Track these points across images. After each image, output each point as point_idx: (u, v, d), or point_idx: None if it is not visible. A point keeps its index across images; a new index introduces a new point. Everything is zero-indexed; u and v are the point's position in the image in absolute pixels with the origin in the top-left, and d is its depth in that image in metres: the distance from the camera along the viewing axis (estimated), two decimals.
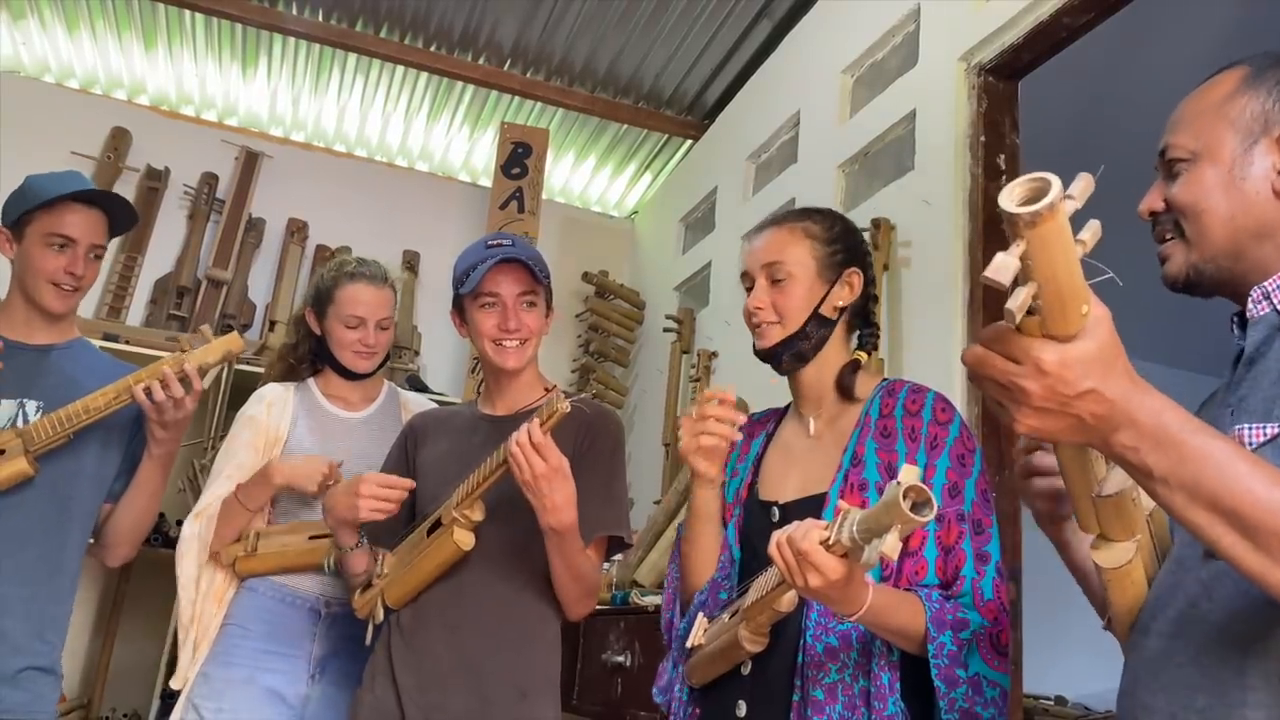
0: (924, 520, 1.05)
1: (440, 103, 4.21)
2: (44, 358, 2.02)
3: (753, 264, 1.55)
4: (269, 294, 3.99)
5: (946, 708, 1.28)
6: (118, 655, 3.42)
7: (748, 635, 1.34)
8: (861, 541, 1.11)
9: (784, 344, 1.52)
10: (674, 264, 4.15)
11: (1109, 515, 0.97)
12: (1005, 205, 0.73)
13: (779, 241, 1.54)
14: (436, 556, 1.69)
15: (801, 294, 1.51)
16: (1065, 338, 0.78)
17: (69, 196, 1.97)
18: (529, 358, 1.83)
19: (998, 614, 1.34)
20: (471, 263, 1.79)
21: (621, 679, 2.39)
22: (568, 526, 1.59)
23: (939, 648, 1.28)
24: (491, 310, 1.80)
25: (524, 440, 1.54)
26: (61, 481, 1.95)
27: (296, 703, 2.00)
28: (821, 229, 1.55)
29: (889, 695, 1.31)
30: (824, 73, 3.14)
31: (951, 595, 1.35)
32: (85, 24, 3.81)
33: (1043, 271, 0.74)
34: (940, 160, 2.49)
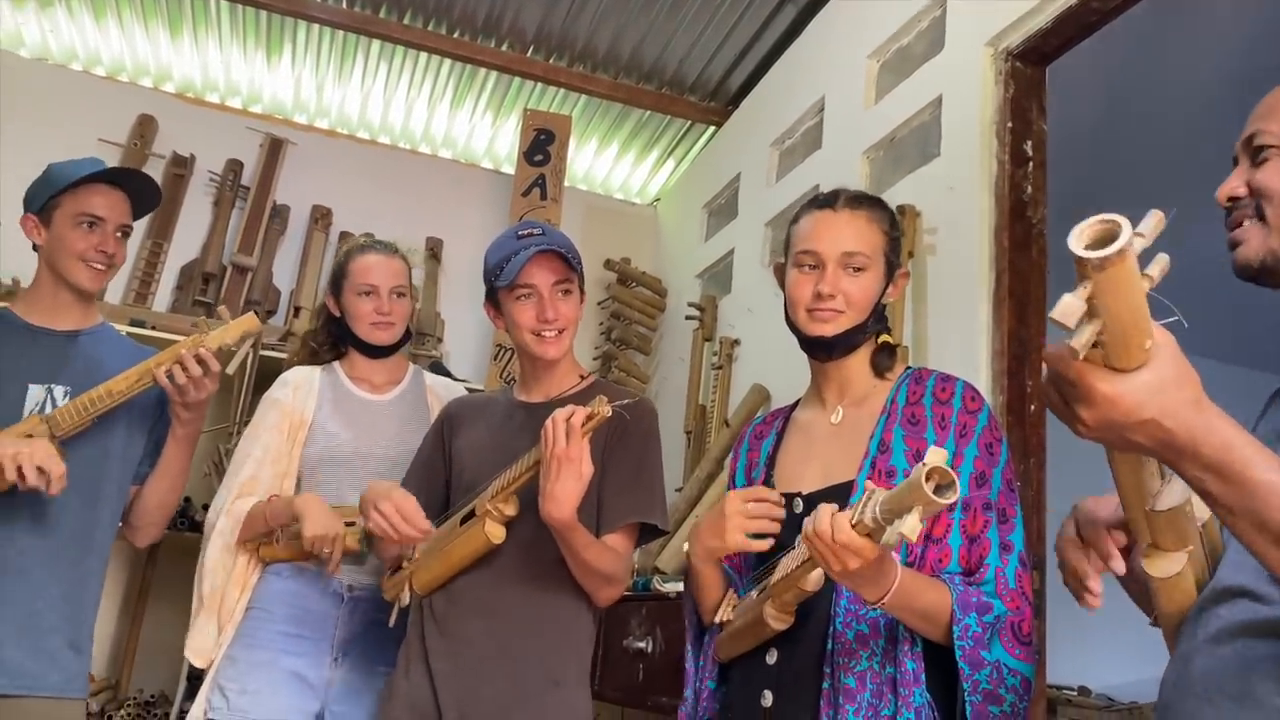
0: (946, 503, 1.04)
1: (463, 89, 4.21)
2: (70, 343, 2.04)
3: (828, 248, 1.49)
4: (294, 280, 4.01)
5: (970, 690, 1.28)
6: (144, 637, 3.46)
7: (773, 613, 1.34)
8: (884, 522, 1.11)
9: (848, 334, 1.50)
10: (696, 251, 4.14)
11: (1162, 528, 0.97)
12: (1074, 248, 0.74)
13: (860, 230, 1.50)
14: (467, 547, 1.70)
15: (873, 286, 1.50)
16: (1126, 370, 0.79)
17: (93, 177, 2.00)
18: (567, 346, 1.83)
19: (1020, 603, 1.34)
20: (505, 255, 1.78)
21: (643, 665, 2.39)
22: (561, 522, 1.56)
23: (964, 629, 1.29)
24: (528, 302, 1.79)
25: (560, 419, 1.53)
26: (89, 465, 1.97)
27: (319, 685, 2.01)
28: (888, 224, 1.54)
29: (915, 685, 1.31)
30: (849, 58, 3.11)
31: (975, 582, 1.35)
32: (112, 11, 3.83)
33: (1109, 311, 0.75)
34: (966, 146, 2.46)
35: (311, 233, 4.08)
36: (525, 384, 1.90)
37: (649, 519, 1.75)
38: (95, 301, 2.13)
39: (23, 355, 1.99)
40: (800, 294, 1.50)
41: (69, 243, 1.99)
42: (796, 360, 1.62)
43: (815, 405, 1.60)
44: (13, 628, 1.86)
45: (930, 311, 2.49)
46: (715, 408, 3.48)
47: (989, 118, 2.41)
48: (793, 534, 1.44)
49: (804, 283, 1.50)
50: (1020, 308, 2.27)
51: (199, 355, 1.91)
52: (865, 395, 1.53)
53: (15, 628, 1.86)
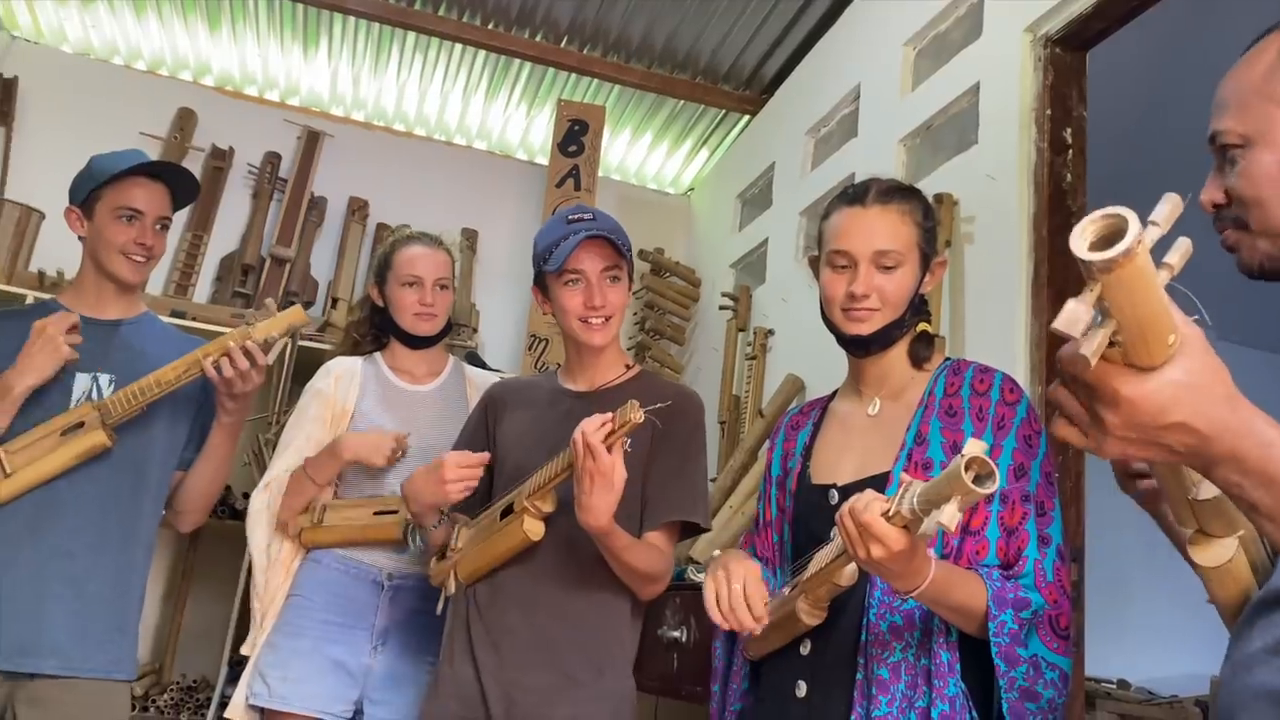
0: (985, 492, 1.03)
1: (498, 80, 4.22)
2: (114, 332, 2.08)
3: (860, 247, 1.47)
4: (331, 271, 4.05)
5: (1006, 686, 1.27)
6: (186, 623, 3.52)
7: (806, 608, 1.34)
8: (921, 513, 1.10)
9: (884, 331, 1.48)
10: (730, 241, 4.13)
11: (1208, 515, 0.93)
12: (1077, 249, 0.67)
13: (891, 226, 1.48)
14: (506, 542, 1.70)
15: (908, 282, 1.48)
16: (1149, 368, 0.72)
17: (133, 170, 2.04)
18: (614, 334, 1.81)
19: (1058, 597, 1.33)
20: (554, 239, 1.76)
21: (677, 654, 2.40)
22: (598, 530, 1.56)
23: (1000, 626, 1.28)
24: (576, 288, 1.76)
25: (589, 430, 1.52)
26: (136, 452, 2.02)
27: (359, 673, 2.04)
28: (922, 214, 1.51)
29: (949, 675, 1.31)
30: (885, 45, 3.08)
31: (1013, 575, 1.34)
32: (152, 6, 3.88)
33: (1122, 312, 0.69)
34: (1004, 134, 2.43)
35: (348, 224, 4.12)
36: (570, 371, 1.89)
37: (690, 518, 1.74)
38: (139, 291, 2.17)
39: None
40: (834, 293, 1.49)
41: (109, 235, 2.03)
42: (831, 350, 1.62)
43: (852, 397, 1.59)
44: (62, 611, 1.91)
45: (968, 301, 2.47)
46: (749, 398, 3.47)
47: (1028, 105, 2.38)
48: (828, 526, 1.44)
49: (838, 282, 1.49)
50: (1059, 297, 2.24)
51: (246, 348, 1.94)
52: (903, 387, 1.52)
53: (65, 611, 1.91)
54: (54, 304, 2.11)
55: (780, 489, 1.61)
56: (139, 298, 2.18)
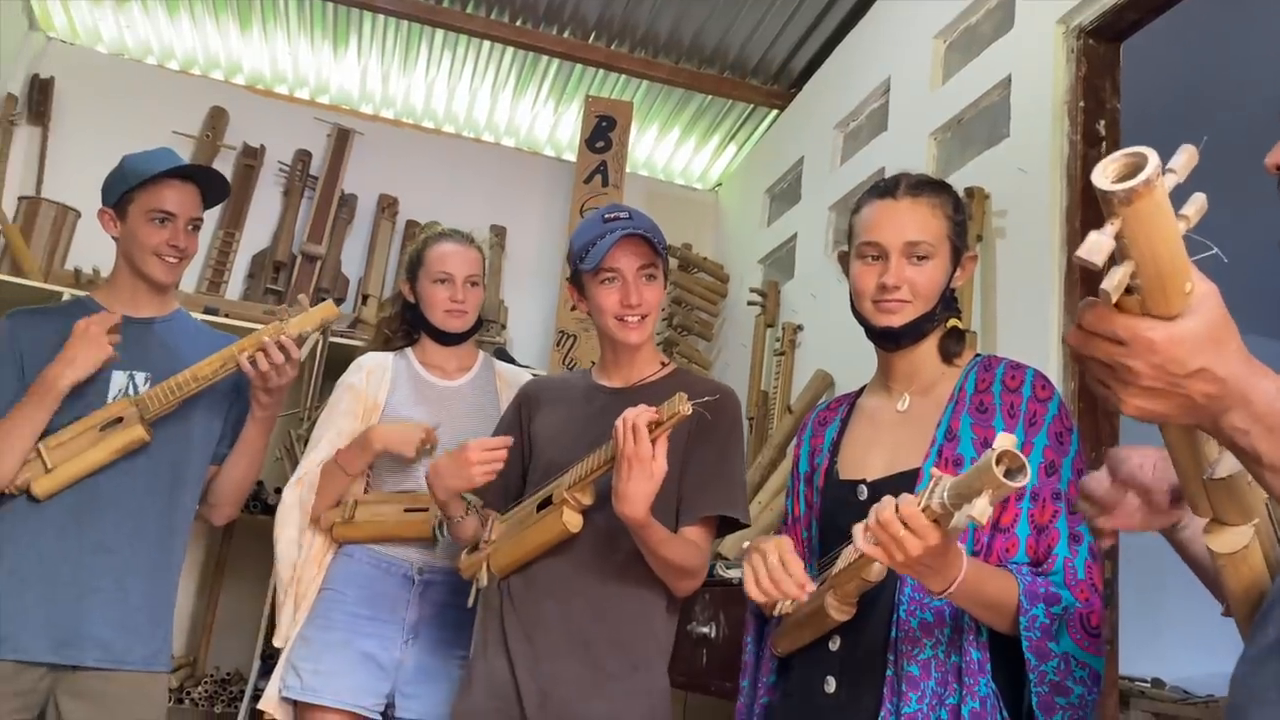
0: (1017, 486, 1.03)
1: (526, 77, 4.23)
2: (148, 330, 2.11)
3: (891, 238, 1.47)
4: (362, 268, 4.08)
5: (1037, 681, 1.26)
6: (220, 616, 3.56)
7: (834, 604, 1.33)
8: (952, 507, 1.09)
9: (915, 324, 1.48)
10: (758, 236, 4.11)
11: (1222, 498, 0.92)
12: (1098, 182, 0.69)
13: (922, 218, 1.48)
14: (543, 534, 1.70)
15: (939, 275, 1.48)
16: (1167, 317, 0.74)
17: (165, 173, 2.06)
18: (650, 332, 1.82)
19: (1090, 595, 1.32)
20: (590, 238, 1.77)
21: (706, 650, 2.40)
22: (634, 520, 1.56)
23: (1031, 620, 1.27)
24: (613, 286, 1.77)
25: (630, 419, 1.52)
26: (172, 446, 2.05)
27: (390, 666, 2.06)
28: (953, 207, 1.51)
29: (980, 675, 1.30)
30: (915, 38, 3.06)
31: (1043, 573, 1.33)
32: (185, 6, 3.92)
33: (1140, 250, 0.70)
34: (1037, 127, 2.41)
35: (378, 221, 4.15)
36: (605, 368, 1.90)
37: (729, 512, 1.74)
38: (172, 290, 2.19)
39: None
40: (865, 285, 1.49)
41: (143, 237, 2.05)
42: (861, 346, 1.61)
43: (881, 392, 1.58)
44: (102, 604, 1.94)
45: (999, 296, 2.45)
46: (778, 394, 3.46)
47: (1060, 97, 2.36)
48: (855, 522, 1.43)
49: (868, 274, 1.49)
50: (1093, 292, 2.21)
51: (280, 343, 1.97)
52: (933, 382, 1.51)
53: (104, 604, 1.94)
54: (90, 302, 2.15)
55: (808, 485, 1.61)
56: (172, 296, 2.21)
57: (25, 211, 3.56)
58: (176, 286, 2.23)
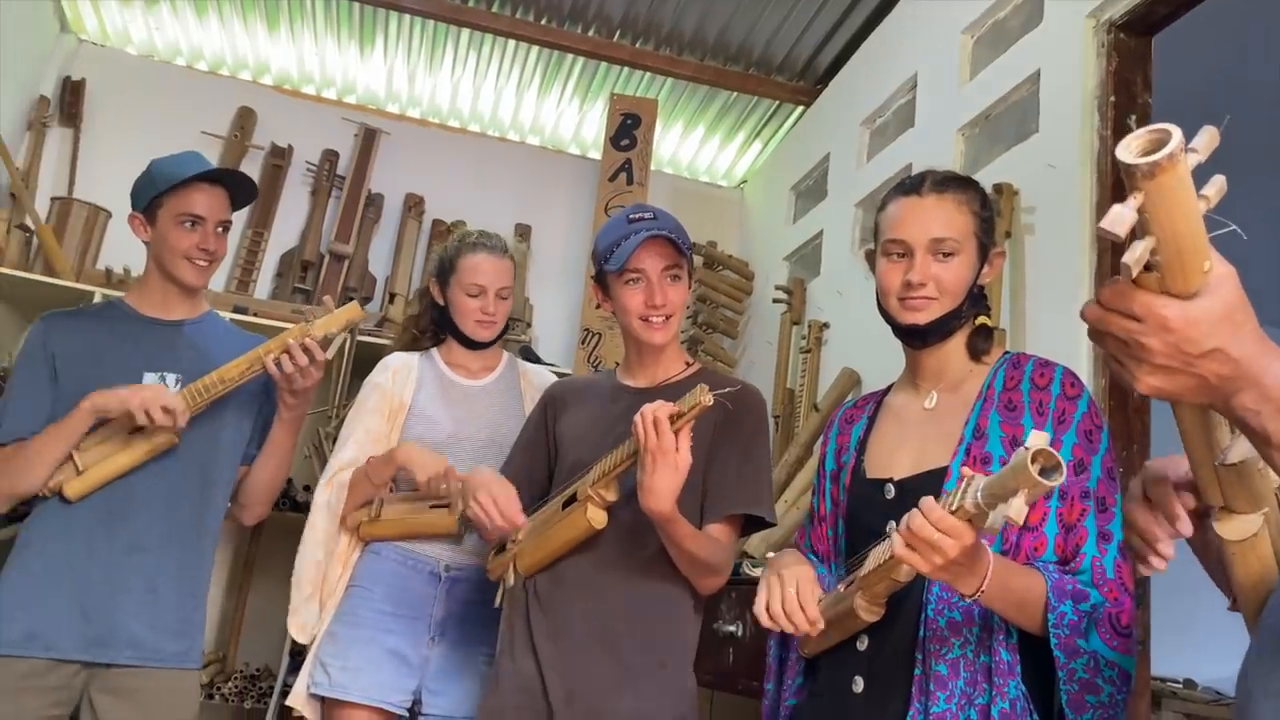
0: (1053, 485, 1.02)
1: (551, 76, 4.24)
2: (179, 332, 2.13)
3: (916, 235, 1.47)
4: (388, 267, 4.10)
5: (1066, 679, 1.25)
6: (249, 613, 3.59)
7: (864, 605, 1.32)
8: (985, 507, 1.08)
9: (941, 321, 1.47)
10: (784, 233, 4.10)
11: (1233, 484, 0.91)
12: (1122, 156, 0.70)
13: (948, 214, 1.47)
14: (568, 532, 1.70)
15: (965, 271, 1.47)
16: (1185, 295, 0.75)
17: (194, 177, 2.08)
18: (674, 332, 1.82)
19: (1119, 594, 1.30)
20: (615, 239, 1.77)
21: (733, 649, 2.40)
22: (660, 514, 1.55)
23: (1059, 617, 1.26)
24: (637, 287, 1.78)
25: (649, 413, 1.52)
26: (201, 448, 2.07)
27: (417, 663, 2.06)
28: (978, 204, 1.50)
29: (1009, 676, 1.29)
30: (943, 33, 3.04)
31: (1070, 571, 1.32)
32: (213, 7, 3.96)
33: (1161, 225, 0.71)
34: (1066, 122, 2.38)
35: (405, 220, 4.17)
36: (629, 368, 1.90)
37: (754, 511, 1.74)
38: (202, 291, 2.21)
39: (137, 344, 2.09)
40: (890, 283, 1.49)
41: (173, 241, 2.07)
42: (888, 343, 1.60)
43: (909, 389, 1.57)
44: (134, 602, 1.96)
45: (1028, 293, 2.43)
46: (804, 392, 3.45)
47: (1090, 92, 2.33)
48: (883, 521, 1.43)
49: (894, 271, 1.48)
50: None
51: (305, 345, 1.98)
52: (961, 380, 1.50)
53: (136, 602, 1.96)
54: (122, 304, 2.17)
55: (834, 483, 1.60)
56: (202, 297, 2.23)
57: (57, 212, 3.60)
58: (205, 288, 2.25)
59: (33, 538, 1.98)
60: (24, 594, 1.93)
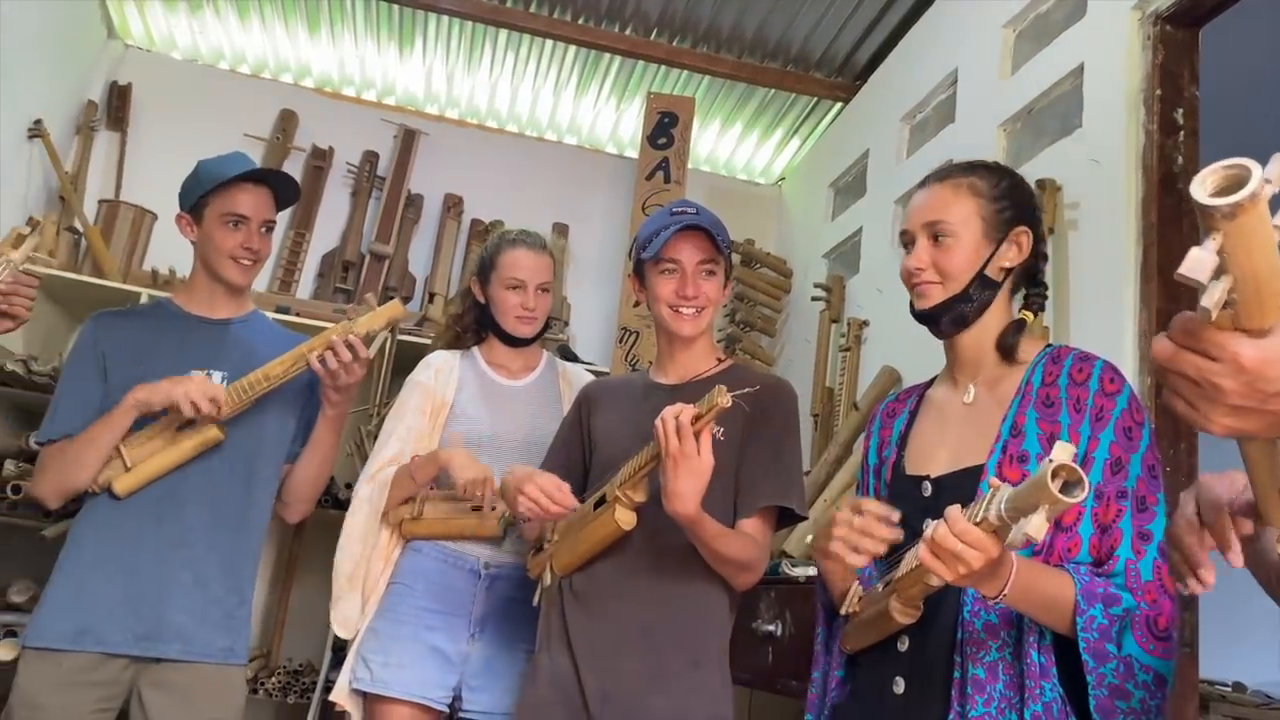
0: (1073, 502, 1.01)
1: (588, 75, 4.24)
2: (225, 330, 2.16)
3: (913, 222, 1.48)
4: (428, 267, 4.13)
5: (1095, 683, 1.22)
6: (292, 610, 3.64)
7: (899, 607, 1.31)
8: (1009, 520, 1.07)
9: (945, 305, 1.45)
10: (823, 230, 4.08)
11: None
12: (1198, 197, 0.68)
13: (942, 198, 1.47)
14: (599, 532, 1.71)
15: (966, 254, 1.45)
16: (1260, 331, 0.73)
17: (239, 177, 2.11)
18: (704, 326, 1.83)
19: (1157, 596, 1.27)
20: (654, 229, 1.80)
21: (772, 648, 2.39)
22: (686, 517, 1.56)
23: (1088, 621, 1.23)
24: (671, 277, 1.80)
25: (669, 417, 1.53)
26: (246, 445, 2.10)
27: (457, 660, 2.08)
28: (988, 184, 1.47)
29: (1043, 680, 1.27)
30: (984, 27, 3.00)
31: (1103, 573, 1.29)
32: (255, 10, 4.00)
33: (1240, 265, 0.69)
34: (1111, 116, 2.35)
35: (444, 220, 4.19)
36: (661, 364, 1.91)
37: (786, 504, 1.74)
38: (247, 291, 2.24)
39: (184, 343, 2.12)
40: (902, 272, 1.50)
41: (218, 241, 2.10)
42: (928, 341, 1.58)
43: (948, 383, 1.56)
44: (182, 597, 1.99)
45: (1072, 290, 2.40)
46: (843, 390, 3.43)
47: (1135, 86, 2.29)
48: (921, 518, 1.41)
49: (903, 262, 1.50)
50: (1170, 285, 2.16)
51: (349, 342, 2.01)
52: (1000, 375, 1.47)
53: (184, 597, 1.99)
54: (169, 304, 2.20)
55: (876, 478, 1.59)
56: (247, 297, 2.26)
57: (105, 215, 3.67)
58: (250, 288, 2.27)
59: (82, 534, 2.02)
60: (75, 590, 1.97)
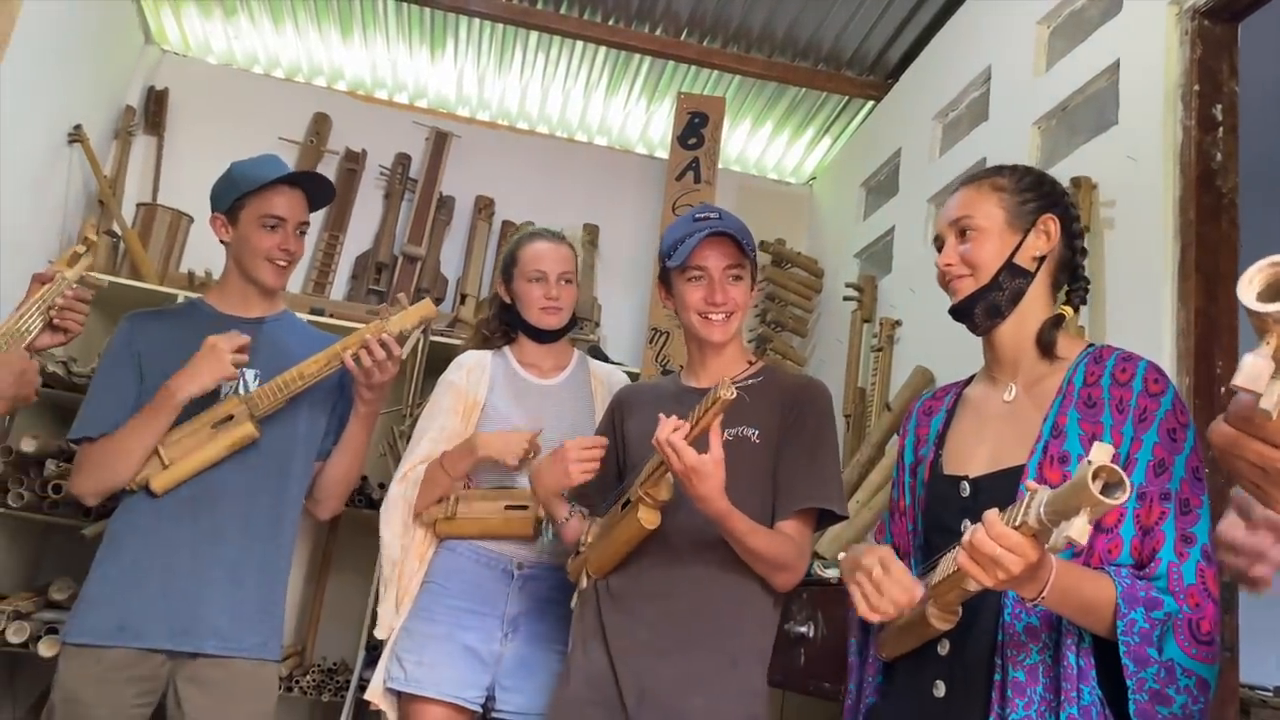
0: (1115, 504, 0.99)
1: (618, 76, 4.25)
2: (258, 330, 2.18)
3: (942, 224, 1.54)
4: (460, 268, 4.15)
5: (1135, 688, 1.21)
6: (326, 608, 3.67)
7: (936, 613, 1.30)
8: (1049, 524, 1.06)
9: (976, 296, 1.47)
10: (854, 230, 4.05)
11: None
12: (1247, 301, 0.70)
13: (966, 198, 1.52)
14: (625, 532, 1.72)
15: (991, 245, 1.48)
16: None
17: (276, 180, 2.13)
18: (734, 330, 1.84)
19: (1200, 599, 1.25)
20: (679, 236, 1.81)
21: (804, 650, 2.38)
22: (717, 513, 1.59)
23: (1129, 625, 1.21)
24: (698, 284, 1.81)
25: (662, 440, 1.56)
26: (280, 442, 2.12)
27: (490, 659, 2.09)
28: (1010, 180, 1.52)
29: (1081, 683, 1.25)
30: (1017, 24, 2.98)
31: (1145, 576, 1.27)
32: (289, 15, 4.05)
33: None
34: (1147, 113, 2.32)
35: (475, 222, 4.22)
36: (692, 368, 1.91)
37: (823, 504, 1.73)
38: (279, 291, 2.27)
39: None
40: (938, 276, 1.54)
41: (255, 242, 2.13)
42: (962, 341, 1.57)
43: (987, 382, 1.55)
44: (217, 593, 2.02)
45: (1108, 289, 2.36)
46: (875, 391, 3.41)
47: (1173, 81, 2.26)
48: (959, 519, 1.40)
49: (938, 261, 1.54)
50: (1209, 284, 2.13)
51: (382, 340, 2.02)
52: (1041, 374, 1.47)
53: (219, 593, 2.02)
54: (202, 304, 2.23)
55: (913, 476, 1.58)
56: (280, 297, 2.28)
57: (142, 218, 3.72)
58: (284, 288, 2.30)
59: (119, 531, 2.05)
60: (114, 586, 2.00)
